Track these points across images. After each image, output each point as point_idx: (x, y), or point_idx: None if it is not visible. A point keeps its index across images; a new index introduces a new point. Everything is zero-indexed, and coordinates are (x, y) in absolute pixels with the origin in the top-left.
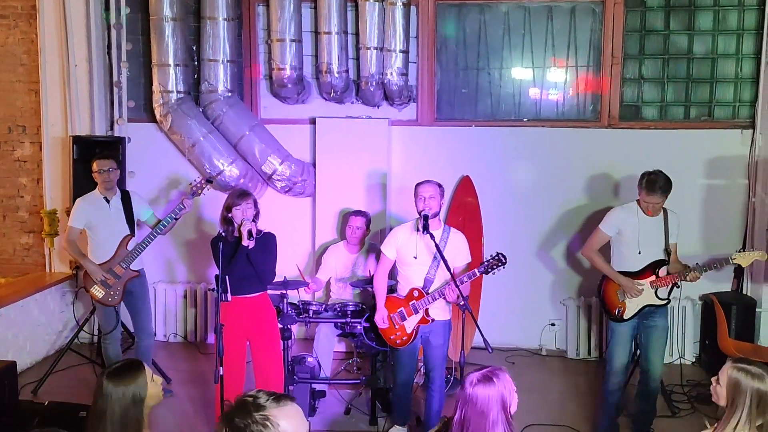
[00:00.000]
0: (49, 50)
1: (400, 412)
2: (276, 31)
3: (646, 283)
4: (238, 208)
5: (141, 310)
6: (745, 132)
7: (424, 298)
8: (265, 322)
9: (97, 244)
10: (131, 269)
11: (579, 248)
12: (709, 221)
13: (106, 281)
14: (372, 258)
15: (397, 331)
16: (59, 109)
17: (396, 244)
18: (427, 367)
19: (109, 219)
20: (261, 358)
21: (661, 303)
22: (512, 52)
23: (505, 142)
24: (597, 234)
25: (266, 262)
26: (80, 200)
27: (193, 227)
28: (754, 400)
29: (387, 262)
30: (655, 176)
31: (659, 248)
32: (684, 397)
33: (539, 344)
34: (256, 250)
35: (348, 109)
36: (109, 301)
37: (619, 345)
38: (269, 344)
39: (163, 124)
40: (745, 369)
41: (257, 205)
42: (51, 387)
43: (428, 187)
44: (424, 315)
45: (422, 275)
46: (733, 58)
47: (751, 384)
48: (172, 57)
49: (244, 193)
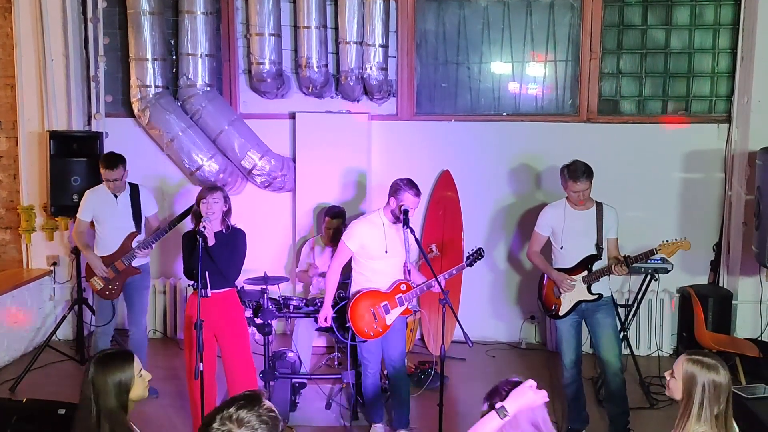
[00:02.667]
0: (24, 44)
1: (377, 407)
2: (255, 25)
3: (579, 279)
4: (204, 201)
5: (136, 304)
6: (721, 126)
7: (412, 291)
8: (231, 317)
9: (102, 237)
10: (132, 266)
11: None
12: (686, 215)
13: (106, 275)
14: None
15: (375, 323)
16: (35, 104)
17: (361, 239)
18: (391, 353)
19: (116, 213)
20: (228, 353)
21: (594, 298)
22: (491, 47)
23: (484, 137)
24: (533, 236)
25: (230, 259)
26: (89, 192)
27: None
28: (709, 391)
29: (347, 254)
30: (575, 164)
31: (588, 243)
32: (662, 389)
33: (519, 338)
34: (220, 246)
35: (328, 103)
36: (106, 294)
37: (564, 341)
38: (236, 340)
39: (141, 118)
40: (700, 361)
41: (228, 201)
42: (29, 384)
43: (418, 201)
44: (407, 306)
45: (397, 268)
46: (710, 53)
47: (706, 376)
48: (150, 51)
49: (212, 187)
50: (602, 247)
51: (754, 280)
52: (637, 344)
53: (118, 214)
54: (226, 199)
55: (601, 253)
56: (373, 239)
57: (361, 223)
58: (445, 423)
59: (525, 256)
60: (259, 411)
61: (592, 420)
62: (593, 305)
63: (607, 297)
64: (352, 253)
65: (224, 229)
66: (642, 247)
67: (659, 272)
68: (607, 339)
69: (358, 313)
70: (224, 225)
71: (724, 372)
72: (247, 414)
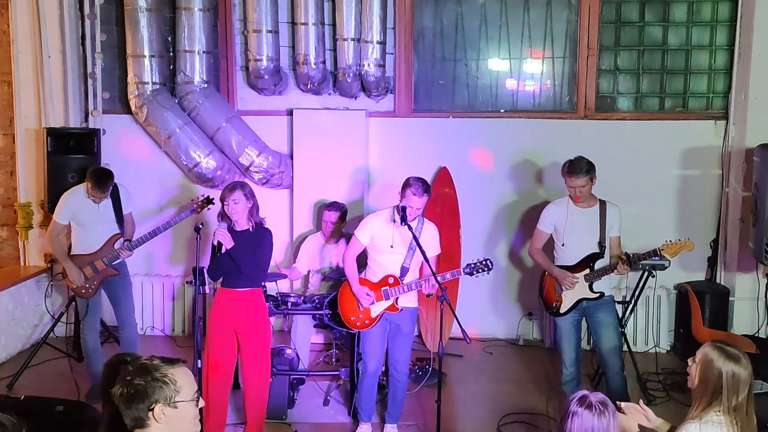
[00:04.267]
0: (21, 41)
1: (367, 406)
2: (252, 21)
3: (581, 277)
4: (226, 203)
5: (122, 303)
6: (718, 123)
7: (399, 286)
8: (253, 317)
9: (82, 237)
10: (112, 267)
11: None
12: (683, 212)
13: (82, 284)
14: (342, 245)
15: (360, 313)
16: (33, 101)
17: (371, 232)
18: (395, 355)
19: (97, 215)
20: (246, 352)
21: (595, 297)
22: (489, 44)
23: (482, 133)
24: (536, 233)
25: (254, 259)
26: (67, 193)
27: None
28: (727, 380)
29: (358, 246)
30: (576, 160)
31: (591, 241)
32: (659, 385)
33: (517, 334)
34: (243, 246)
35: (325, 100)
36: (82, 293)
37: (564, 339)
38: (255, 340)
39: (139, 115)
40: (721, 348)
41: (253, 197)
42: (27, 381)
43: (421, 201)
44: (393, 303)
45: (398, 264)
46: (707, 50)
47: (725, 364)
48: (147, 48)
49: (232, 187)
50: (605, 245)
51: (751, 276)
52: (635, 341)
53: (99, 217)
54: (247, 196)
55: (604, 251)
56: (382, 233)
57: (373, 218)
58: (443, 420)
59: (525, 254)
60: (163, 372)
61: None
62: (594, 303)
63: (608, 295)
64: (363, 245)
65: (251, 227)
66: (639, 244)
67: (656, 269)
68: (609, 338)
69: (344, 301)
70: (251, 223)
71: (746, 364)
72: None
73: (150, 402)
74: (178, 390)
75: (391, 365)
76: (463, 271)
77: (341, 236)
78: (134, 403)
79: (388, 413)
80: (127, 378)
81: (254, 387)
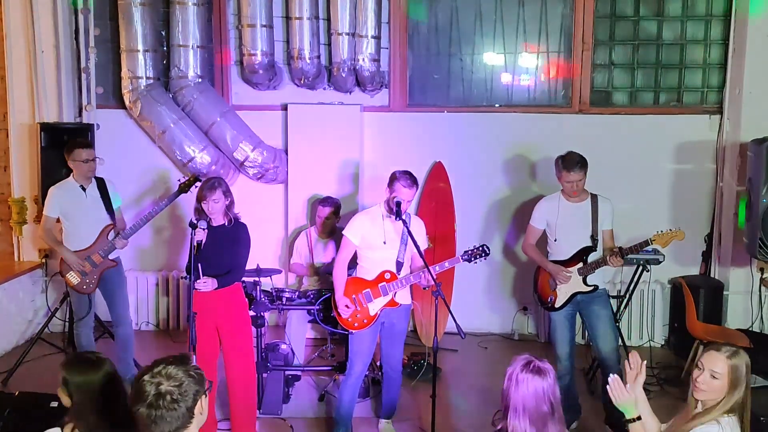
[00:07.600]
0: (14, 36)
1: (346, 414)
2: (246, 16)
3: (575, 270)
4: (205, 202)
5: (118, 299)
6: (713, 117)
7: (396, 281)
8: (233, 313)
9: (72, 232)
10: (109, 259)
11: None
12: (678, 206)
13: (83, 269)
14: (332, 244)
15: (358, 313)
16: (26, 96)
17: (362, 231)
18: (389, 353)
19: (86, 207)
20: (229, 347)
21: (589, 290)
22: (484, 38)
23: (477, 128)
24: (528, 229)
25: (231, 255)
26: (54, 188)
27: (166, 215)
28: (749, 371)
29: (350, 248)
30: (570, 155)
31: (583, 235)
32: (653, 379)
33: (512, 329)
34: (221, 240)
35: (320, 95)
36: (83, 288)
37: (558, 333)
38: (237, 334)
39: (133, 110)
40: (735, 352)
41: (229, 195)
42: (22, 377)
43: (411, 192)
44: (392, 298)
45: (392, 259)
46: (702, 44)
47: (744, 360)
48: (141, 42)
49: (211, 187)
50: (597, 239)
51: (745, 271)
52: (629, 335)
53: (88, 207)
54: (225, 193)
55: (596, 244)
56: (373, 231)
57: (361, 216)
58: (438, 414)
59: (519, 248)
60: (187, 367)
61: (585, 411)
62: (588, 297)
63: (602, 289)
64: (355, 246)
65: (227, 222)
66: (633, 238)
67: (651, 263)
68: (604, 332)
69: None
70: (227, 218)
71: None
72: (176, 370)
73: (198, 396)
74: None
75: (385, 362)
76: (462, 258)
77: (334, 231)
78: (178, 403)
79: (383, 410)
80: (165, 382)
81: (239, 383)
